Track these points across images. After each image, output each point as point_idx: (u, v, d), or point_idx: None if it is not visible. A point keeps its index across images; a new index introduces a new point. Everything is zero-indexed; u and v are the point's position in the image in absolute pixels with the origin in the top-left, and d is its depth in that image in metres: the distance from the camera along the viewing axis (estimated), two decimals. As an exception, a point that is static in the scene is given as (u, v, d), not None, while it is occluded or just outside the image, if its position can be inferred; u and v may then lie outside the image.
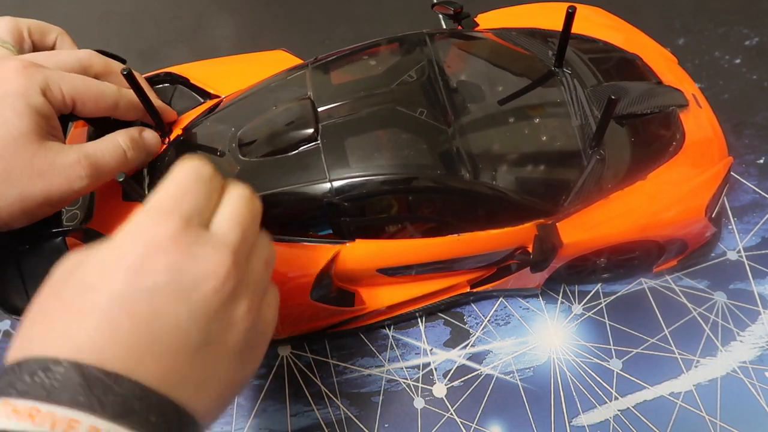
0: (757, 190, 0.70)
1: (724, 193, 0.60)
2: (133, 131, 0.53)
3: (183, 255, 0.33)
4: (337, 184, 0.51)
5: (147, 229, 0.34)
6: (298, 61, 0.64)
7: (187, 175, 0.37)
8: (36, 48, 0.56)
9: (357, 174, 0.51)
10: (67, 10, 0.93)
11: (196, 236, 0.35)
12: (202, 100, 0.64)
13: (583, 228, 0.55)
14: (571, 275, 0.64)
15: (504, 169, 0.53)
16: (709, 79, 0.79)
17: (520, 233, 0.55)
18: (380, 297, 0.60)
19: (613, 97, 0.48)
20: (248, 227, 0.39)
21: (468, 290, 0.62)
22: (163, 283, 0.32)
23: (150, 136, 0.55)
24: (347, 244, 0.54)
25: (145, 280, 0.32)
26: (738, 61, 0.81)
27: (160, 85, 0.65)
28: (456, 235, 0.55)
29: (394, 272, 0.58)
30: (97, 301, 0.32)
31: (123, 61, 0.58)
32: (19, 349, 0.31)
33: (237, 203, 0.39)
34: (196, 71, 0.66)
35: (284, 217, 0.53)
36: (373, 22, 0.90)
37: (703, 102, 0.62)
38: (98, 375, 0.29)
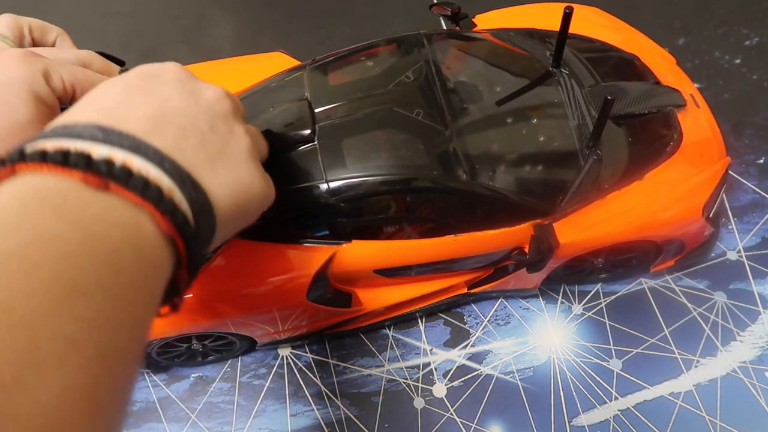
0: (757, 190, 0.70)
1: (722, 193, 0.60)
2: None
3: (188, 76, 0.40)
4: (333, 184, 0.51)
5: (158, 64, 0.40)
6: (296, 63, 0.64)
7: None
8: (36, 45, 0.56)
9: (354, 174, 0.51)
10: (67, 10, 0.93)
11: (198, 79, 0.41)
12: (201, 101, 0.64)
13: (581, 228, 0.55)
14: (569, 275, 0.64)
15: (501, 170, 0.53)
16: (709, 79, 0.79)
17: (517, 233, 0.55)
18: (378, 298, 0.60)
19: (609, 97, 0.48)
20: (237, 99, 0.44)
21: (465, 291, 0.62)
22: (174, 83, 0.38)
23: None
24: (344, 245, 0.54)
25: (158, 79, 0.38)
26: (738, 61, 0.81)
27: None
28: (453, 235, 0.55)
29: (392, 273, 0.58)
30: (116, 88, 0.36)
31: (123, 63, 0.58)
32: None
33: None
34: (195, 72, 0.66)
35: (281, 218, 0.53)
36: (373, 22, 0.90)
37: (701, 102, 0.62)
38: (115, 130, 0.32)
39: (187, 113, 0.37)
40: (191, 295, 0.52)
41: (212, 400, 0.62)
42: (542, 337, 0.63)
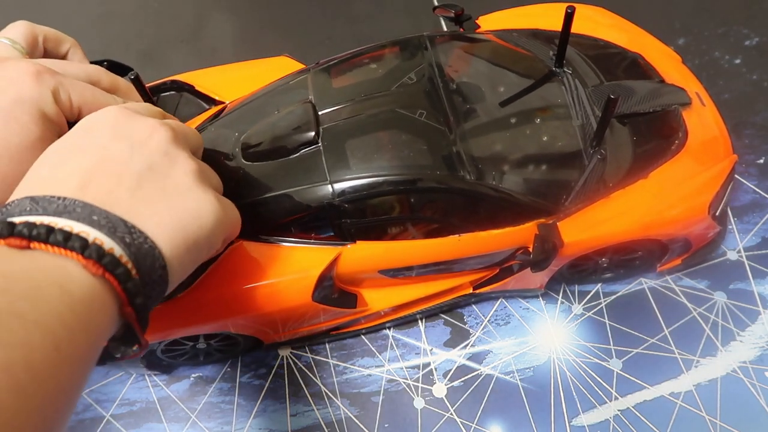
0: (757, 190, 0.70)
1: (728, 192, 0.60)
2: None
3: (124, 119, 0.41)
4: (337, 186, 0.51)
5: (96, 114, 0.42)
6: (301, 67, 0.64)
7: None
8: (48, 56, 0.56)
9: (357, 176, 0.52)
10: (67, 10, 0.93)
11: (135, 113, 0.43)
12: (207, 107, 0.65)
13: (585, 227, 0.55)
14: (573, 275, 0.64)
15: (504, 169, 0.53)
16: (709, 79, 0.79)
17: (522, 233, 0.55)
18: (382, 298, 0.60)
19: (612, 96, 0.48)
20: (183, 127, 0.46)
21: (470, 291, 0.62)
22: (107, 131, 0.40)
23: None
24: (348, 246, 0.54)
25: (92, 132, 0.40)
26: (738, 61, 0.81)
27: (167, 93, 0.66)
28: (457, 235, 0.55)
29: (396, 273, 0.58)
30: (53, 153, 0.39)
31: (130, 69, 0.58)
32: None
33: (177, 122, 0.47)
34: (201, 78, 0.66)
35: (286, 220, 0.53)
36: (373, 22, 0.90)
37: (707, 100, 0.62)
38: (45, 197, 0.35)
39: (121, 159, 0.39)
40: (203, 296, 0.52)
41: (212, 400, 0.62)
42: (542, 337, 0.63)
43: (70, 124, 0.49)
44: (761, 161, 0.72)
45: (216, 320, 0.54)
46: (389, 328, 0.64)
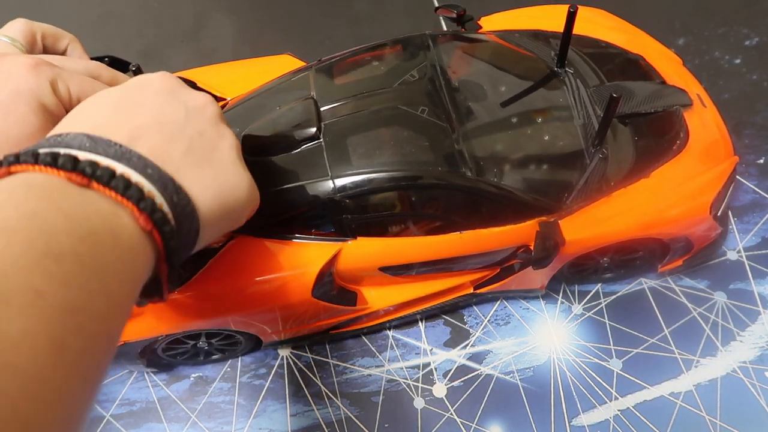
0: (757, 190, 0.70)
1: (729, 192, 0.60)
2: None
3: (180, 86, 0.42)
4: (339, 181, 0.52)
5: (153, 75, 0.43)
6: (304, 65, 0.64)
7: None
8: (47, 52, 0.56)
9: (358, 171, 0.52)
10: (67, 10, 0.93)
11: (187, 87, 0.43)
12: (209, 103, 0.64)
13: (587, 225, 0.55)
14: (573, 275, 0.64)
15: (506, 167, 0.53)
16: (709, 79, 0.79)
17: (523, 231, 0.55)
18: (382, 297, 0.60)
19: (614, 95, 0.48)
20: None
21: (471, 291, 0.62)
22: (164, 92, 0.41)
23: None
24: (349, 242, 0.54)
25: (149, 89, 0.40)
26: (738, 61, 0.81)
27: None
28: (458, 233, 0.55)
29: (396, 271, 0.58)
30: (109, 100, 0.39)
31: (128, 64, 0.58)
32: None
33: None
34: (203, 75, 0.66)
35: (287, 215, 0.53)
36: (373, 22, 0.90)
37: (707, 102, 0.62)
38: (104, 138, 0.35)
39: (176, 120, 0.39)
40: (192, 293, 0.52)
41: (212, 400, 0.62)
42: (542, 337, 0.63)
43: None
44: (761, 161, 0.72)
45: (215, 316, 0.54)
46: (389, 328, 0.64)
